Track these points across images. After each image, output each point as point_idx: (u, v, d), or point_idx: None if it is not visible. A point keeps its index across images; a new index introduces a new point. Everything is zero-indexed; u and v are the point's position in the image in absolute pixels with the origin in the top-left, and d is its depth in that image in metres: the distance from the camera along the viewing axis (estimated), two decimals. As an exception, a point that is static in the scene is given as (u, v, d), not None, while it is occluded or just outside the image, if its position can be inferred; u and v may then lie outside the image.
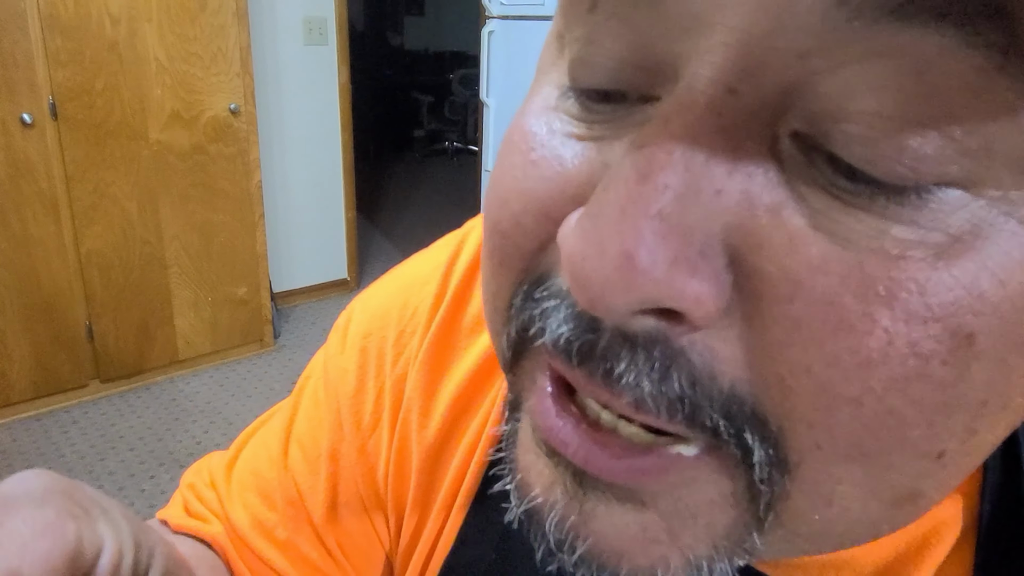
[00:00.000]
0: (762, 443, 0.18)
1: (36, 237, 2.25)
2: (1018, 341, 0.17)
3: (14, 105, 2.12)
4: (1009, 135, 0.15)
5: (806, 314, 0.17)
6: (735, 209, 0.17)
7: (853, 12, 0.15)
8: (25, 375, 2.33)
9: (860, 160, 0.16)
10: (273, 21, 2.94)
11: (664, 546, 0.20)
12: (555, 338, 0.19)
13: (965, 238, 0.16)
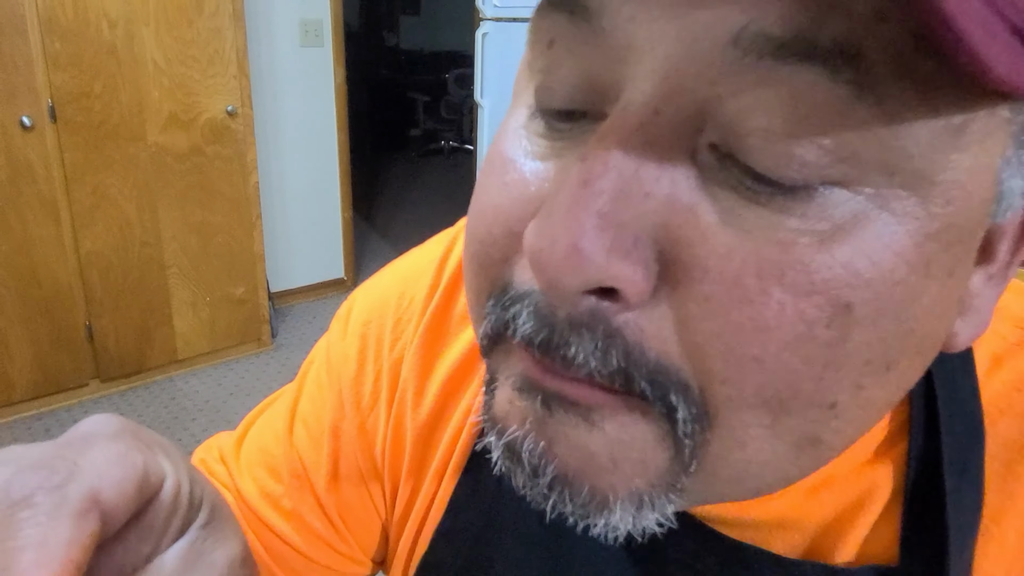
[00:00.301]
0: (685, 402, 0.22)
1: (36, 238, 2.28)
2: (891, 310, 0.21)
3: (14, 108, 2.15)
4: (872, 147, 0.20)
5: (715, 292, 0.21)
6: (660, 209, 0.21)
7: (744, 50, 0.19)
8: (26, 375, 2.35)
9: (761, 166, 0.20)
10: (269, 23, 2.97)
11: (611, 474, 0.23)
12: (522, 335, 0.23)
13: (845, 226, 0.20)
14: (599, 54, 0.22)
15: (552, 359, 0.23)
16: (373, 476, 0.43)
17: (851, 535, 0.31)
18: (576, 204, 0.21)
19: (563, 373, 0.23)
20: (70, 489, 0.20)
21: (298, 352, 2.94)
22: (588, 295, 0.22)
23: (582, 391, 0.23)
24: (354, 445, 0.43)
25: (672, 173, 0.21)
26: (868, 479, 0.31)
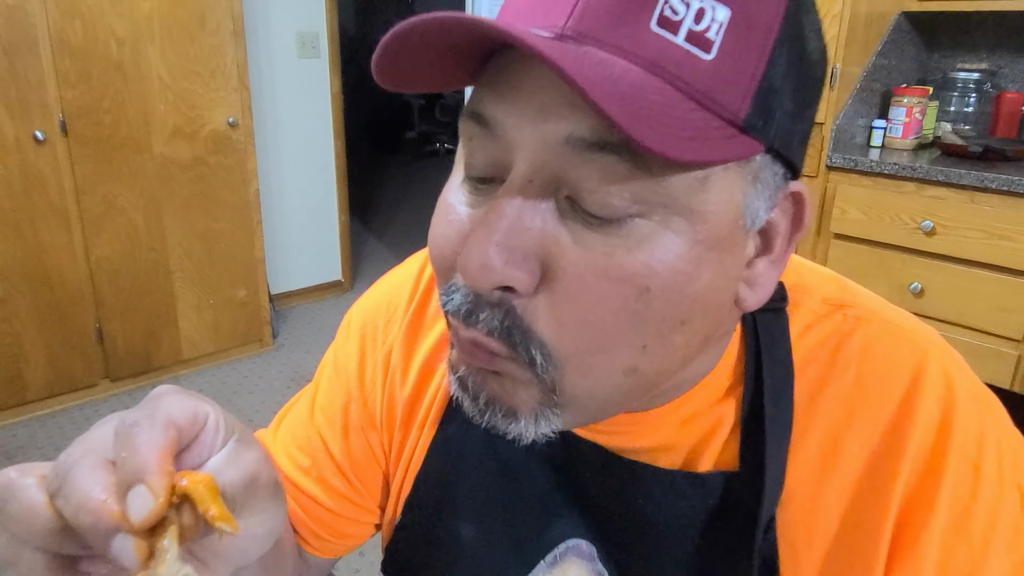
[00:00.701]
0: (541, 353, 0.36)
1: (49, 245, 2.40)
2: (677, 289, 0.35)
3: (27, 123, 2.27)
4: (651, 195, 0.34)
5: (570, 286, 0.35)
6: (537, 236, 0.35)
7: (572, 145, 0.33)
8: (40, 375, 2.48)
9: (592, 209, 0.34)
10: (268, 36, 3.09)
11: (512, 397, 0.38)
12: (455, 309, 0.37)
13: (643, 241, 0.34)
14: (497, 147, 0.36)
15: (470, 323, 0.37)
16: (376, 439, 0.58)
17: (708, 452, 0.45)
18: (484, 234, 0.34)
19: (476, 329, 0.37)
20: (157, 417, 0.33)
21: (298, 352, 3.06)
22: (496, 290, 0.35)
23: (485, 338, 0.36)
24: (360, 418, 0.57)
25: (543, 215, 0.35)
26: (718, 414, 0.46)
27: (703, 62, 0.33)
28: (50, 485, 0.32)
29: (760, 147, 0.35)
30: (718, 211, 0.35)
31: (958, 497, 0.41)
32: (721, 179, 0.35)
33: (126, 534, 0.31)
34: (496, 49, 0.36)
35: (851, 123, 2.19)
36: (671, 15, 0.33)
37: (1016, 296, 1.85)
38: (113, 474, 0.31)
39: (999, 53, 2.31)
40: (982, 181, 1.85)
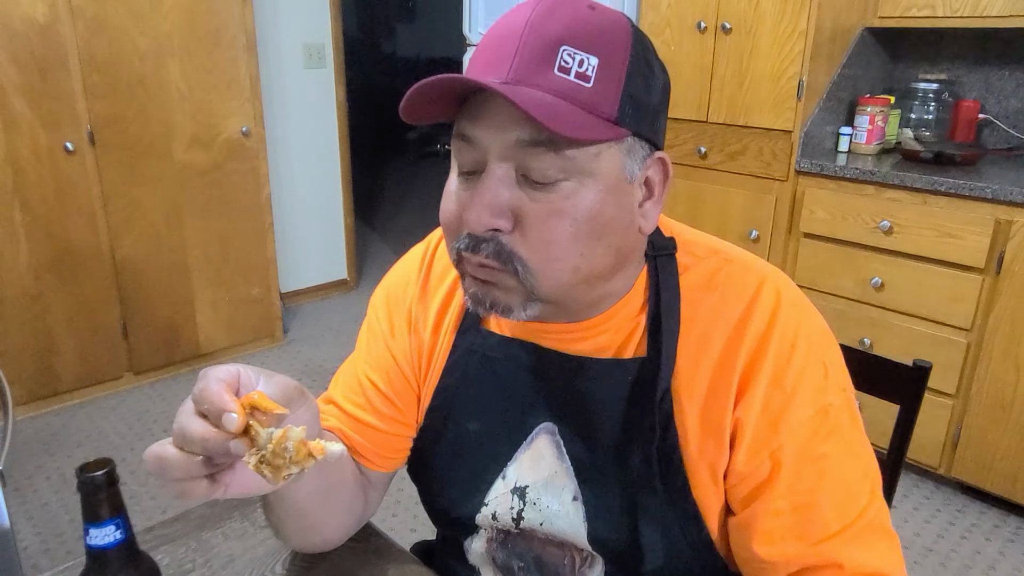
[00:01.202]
0: (521, 265, 0.59)
1: (78, 247, 2.59)
2: (595, 219, 0.60)
3: (59, 134, 2.46)
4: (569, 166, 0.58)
5: (531, 225, 0.59)
6: (508, 199, 0.59)
7: (520, 144, 0.58)
8: (70, 368, 2.67)
9: (538, 179, 0.59)
10: (278, 49, 3.27)
11: (506, 298, 0.61)
12: (465, 247, 0.60)
13: (571, 194, 0.59)
14: (476, 152, 0.59)
15: (475, 252, 0.59)
16: (408, 370, 0.79)
17: (629, 347, 0.68)
18: (478, 203, 0.58)
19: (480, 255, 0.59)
20: (209, 379, 0.52)
21: (307, 346, 3.25)
22: (489, 231, 0.58)
23: (487, 260, 0.59)
24: (395, 358, 0.78)
25: (509, 187, 0.59)
26: (634, 322, 0.69)
27: (586, 88, 0.57)
28: (177, 439, 0.52)
29: (627, 133, 0.60)
30: (609, 171, 0.60)
31: (778, 364, 0.64)
32: (607, 153, 0.60)
33: (233, 441, 0.50)
34: (468, 94, 0.59)
35: (820, 130, 2.36)
36: (565, 64, 0.57)
37: (965, 288, 2.03)
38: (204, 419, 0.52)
39: (958, 64, 2.49)
40: (933, 184, 2.03)
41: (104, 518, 0.54)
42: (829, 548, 0.62)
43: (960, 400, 2.11)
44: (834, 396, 0.65)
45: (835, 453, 0.64)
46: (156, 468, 0.52)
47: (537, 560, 0.76)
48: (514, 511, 0.73)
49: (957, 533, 2.06)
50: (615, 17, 0.60)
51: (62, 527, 2.06)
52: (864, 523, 0.63)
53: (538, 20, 0.58)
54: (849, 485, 0.64)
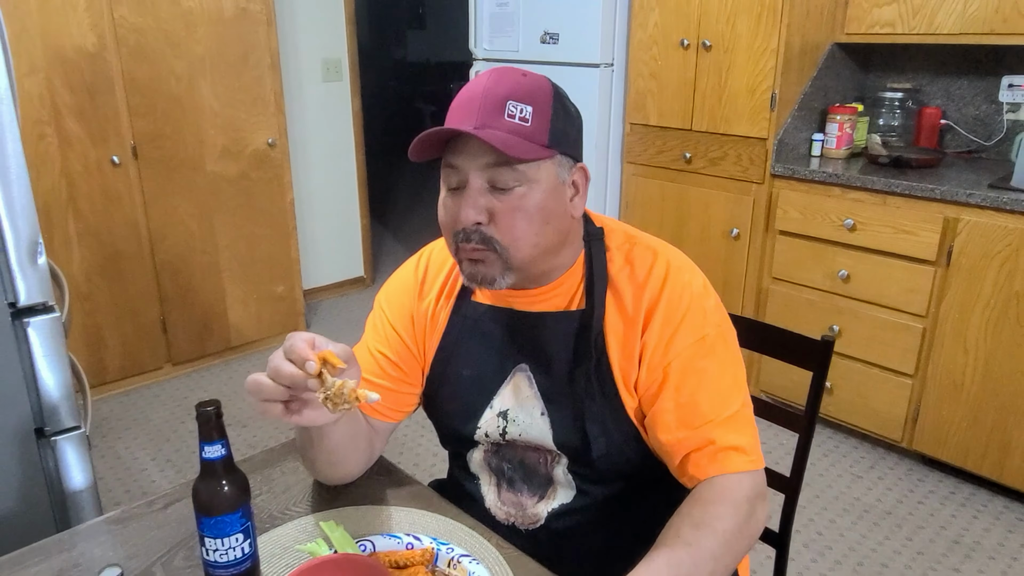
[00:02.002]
0: (497, 246, 0.89)
1: (123, 252, 2.87)
2: (543, 210, 0.89)
3: (107, 149, 2.74)
4: (521, 176, 0.88)
5: (501, 218, 0.88)
6: (484, 203, 0.88)
7: (488, 166, 0.87)
8: (116, 360, 2.95)
9: (501, 187, 0.88)
10: (298, 66, 3.54)
11: (490, 272, 0.90)
12: (463, 239, 0.89)
13: (525, 195, 0.88)
14: (459, 175, 0.89)
15: (468, 241, 0.89)
16: (411, 344, 1.05)
17: (574, 303, 0.97)
18: (464, 207, 0.87)
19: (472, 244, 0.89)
20: (296, 339, 0.77)
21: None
22: (473, 224, 0.88)
23: (476, 245, 0.89)
24: (401, 331, 1.04)
25: (484, 195, 0.88)
26: (576, 286, 0.98)
27: (526, 126, 0.86)
28: (271, 372, 0.77)
29: (556, 152, 0.89)
30: (548, 178, 0.89)
31: (669, 307, 0.92)
32: (545, 166, 0.88)
33: (309, 379, 0.75)
34: (450, 138, 0.88)
35: (794, 136, 2.59)
36: (511, 112, 0.85)
37: (919, 279, 2.26)
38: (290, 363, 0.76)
39: (922, 74, 2.71)
40: (890, 186, 2.26)
41: (214, 438, 0.79)
42: (705, 431, 0.89)
43: (918, 380, 2.34)
44: (711, 329, 0.92)
45: (710, 368, 0.91)
46: (253, 389, 0.77)
47: (520, 463, 1.02)
48: (500, 428, 1.00)
49: (915, 499, 2.30)
50: (540, 79, 0.91)
51: (117, 498, 2.33)
52: (732, 415, 0.90)
53: (491, 86, 0.87)
54: (721, 390, 0.91)
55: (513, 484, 1.04)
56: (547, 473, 1.01)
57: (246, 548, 0.82)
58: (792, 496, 1.22)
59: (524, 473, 1.03)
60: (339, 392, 0.75)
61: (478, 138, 0.83)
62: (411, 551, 0.88)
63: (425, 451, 2.59)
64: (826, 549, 2.08)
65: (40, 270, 1.35)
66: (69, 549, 0.92)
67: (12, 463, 1.39)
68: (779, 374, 2.67)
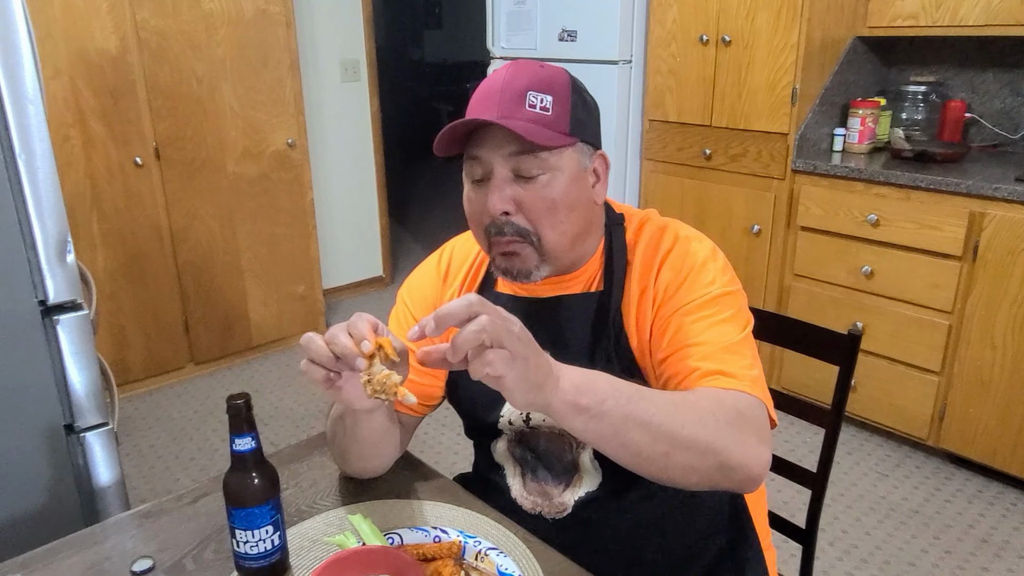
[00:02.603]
0: (533, 236, 0.91)
1: (146, 252, 2.90)
2: (568, 197, 0.91)
3: (129, 151, 2.77)
4: (546, 164, 0.90)
5: (529, 207, 0.91)
6: (510, 192, 0.90)
7: (512, 155, 0.89)
8: (139, 359, 2.98)
9: (526, 175, 0.90)
10: (317, 67, 3.56)
11: (525, 264, 0.92)
12: (495, 231, 0.92)
13: (550, 182, 0.90)
14: (483, 166, 0.91)
15: (501, 233, 0.91)
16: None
17: (593, 285, 0.99)
18: (492, 199, 0.89)
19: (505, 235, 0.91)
20: (363, 318, 0.78)
21: (348, 339, 3.53)
22: (502, 215, 0.90)
23: (511, 236, 0.91)
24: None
25: (510, 184, 0.90)
26: (597, 270, 0.99)
27: (547, 115, 0.88)
28: (327, 337, 0.77)
29: (577, 140, 0.91)
30: (570, 165, 0.91)
31: (675, 271, 0.93)
32: (567, 153, 0.90)
33: (360, 358, 0.75)
34: (472, 131, 0.89)
35: (816, 132, 2.57)
36: (532, 103, 0.87)
37: (945, 275, 2.23)
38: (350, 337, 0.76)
39: (946, 67, 2.67)
40: (914, 181, 2.23)
41: (244, 431, 0.80)
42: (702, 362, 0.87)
43: (944, 377, 2.31)
44: (718, 290, 0.92)
45: (718, 318, 0.90)
46: (305, 343, 0.77)
47: (545, 451, 1.02)
48: (523, 415, 1.00)
49: (942, 498, 2.26)
50: (558, 69, 0.93)
51: (142, 495, 2.36)
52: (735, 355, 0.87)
53: (510, 78, 0.89)
54: (730, 340, 0.88)
55: (537, 472, 1.04)
56: (573, 459, 1.01)
57: (276, 540, 0.83)
58: (819, 493, 1.21)
59: (548, 461, 1.03)
60: (382, 380, 0.75)
61: (501, 127, 0.84)
62: (439, 544, 0.88)
63: (446, 448, 2.59)
64: (851, 547, 2.06)
65: (69, 268, 1.36)
66: (101, 542, 0.93)
67: (42, 458, 1.41)
68: (802, 371, 2.64)
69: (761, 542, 1.11)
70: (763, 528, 1.13)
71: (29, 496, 1.40)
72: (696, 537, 1.04)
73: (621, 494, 1.00)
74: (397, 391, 0.75)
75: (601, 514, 1.01)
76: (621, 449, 0.75)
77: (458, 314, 0.67)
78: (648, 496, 1.01)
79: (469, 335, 0.66)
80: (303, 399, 2.97)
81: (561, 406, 0.72)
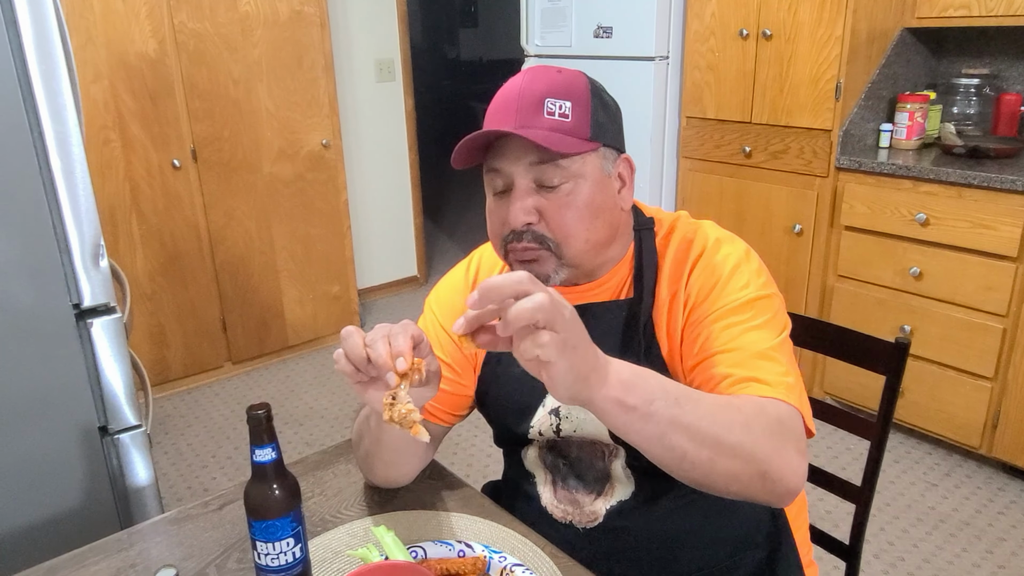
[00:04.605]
0: (552, 243, 0.88)
1: (184, 253, 2.94)
2: (593, 203, 0.89)
3: (168, 153, 2.81)
4: (567, 172, 0.87)
5: (551, 216, 0.88)
6: (532, 202, 0.88)
7: (532, 165, 0.87)
8: (179, 359, 3.02)
9: (548, 184, 0.87)
10: (351, 67, 3.57)
11: (544, 269, 0.89)
12: (514, 239, 0.89)
13: (572, 190, 0.88)
14: (503, 177, 0.88)
15: (519, 241, 0.88)
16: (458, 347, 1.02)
17: (623, 292, 0.96)
18: (514, 209, 0.87)
19: (524, 242, 0.88)
20: (408, 329, 0.76)
21: (382, 338, 3.54)
22: (524, 225, 0.87)
23: (529, 243, 0.88)
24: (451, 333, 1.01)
25: (531, 194, 0.87)
26: (626, 277, 0.96)
27: (567, 122, 0.85)
28: (368, 339, 0.75)
29: (599, 145, 0.88)
30: (593, 171, 0.88)
31: (708, 275, 0.90)
32: (589, 159, 0.88)
33: (392, 373, 0.73)
34: (491, 142, 0.87)
35: (861, 127, 2.48)
36: (551, 109, 0.85)
37: (999, 277, 2.13)
38: (389, 346, 0.74)
39: (1000, 59, 2.55)
40: (966, 178, 2.13)
41: (265, 442, 0.79)
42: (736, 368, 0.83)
43: (998, 383, 2.21)
44: (751, 290, 0.88)
45: (752, 324, 0.86)
46: (344, 336, 0.76)
47: (577, 459, 0.99)
48: (553, 425, 0.97)
49: (995, 509, 2.16)
50: (576, 74, 0.89)
51: (179, 494, 2.38)
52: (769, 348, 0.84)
53: (527, 85, 0.86)
54: (764, 346, 0.84)
55: (568, 481, 1.01)
56: (604, 468, 0.98)
57: (297, 553, 0.81)
58: (864, 507, 1.15)
59: (580, 469, 1.00)
60: (402, 412, 0.73)
61: (520, 137, 0.82)
62: (463, 559, 0.85)
63: (479, 451, 2.57)
64: (898, 560, 1.97)
65: (103, 272, 1.37)
66: (127, 548, 0.93)
67: (77, 460, 1.42)
68: (845, 376, 2.56)
69: (802, 559, 1.06)
70: (804, 543, 1.08)
71: (66, 497, 1.42)
72: (732, 550, 1.00)
73: (654, 503, 0.96)
74: (414, 427, 0.72)
75: (633, 524, 0.97)
76: (664, 452, 0.71)
77: (504, 289, 0.63)
78: (682, 506, 0.97)
79: (524, 311, 0.62)
80: (338, 399, 2.98)
81: (605, 403, 0.68)
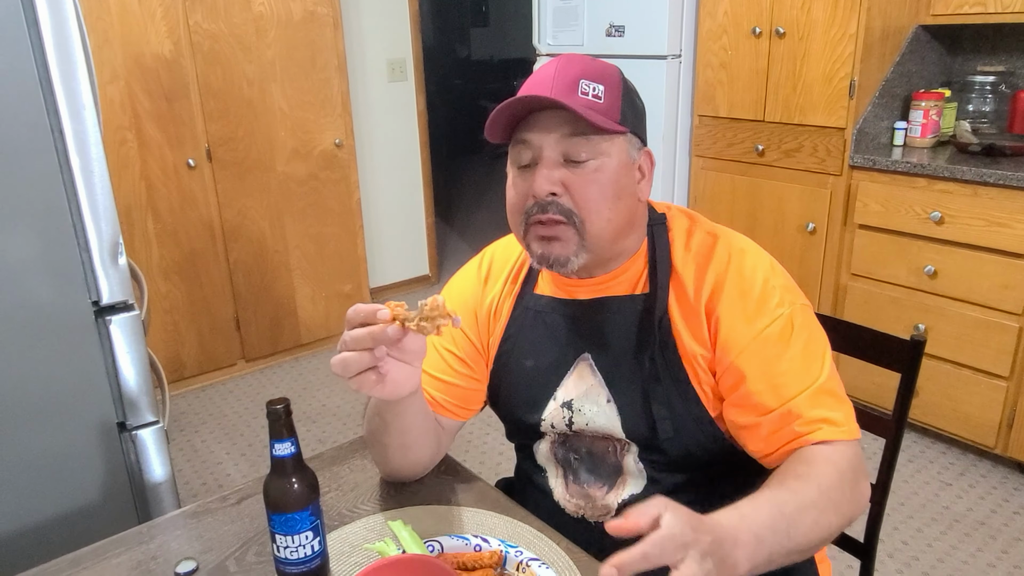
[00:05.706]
0: (578, 219, 0.89)
1: (199, 251, 2.96)
2: (615, 184, 0.90)
3: (183, 152, 2.83)
4: (596, 148, 0.89)
5: (576, 189, 0.89)
6: (558, 175, 0.89)
7: (563, 137, 0.89)
8: (193, 356, 3.05)
9: (575, 159, 0.89)
10: (363, 66, 3.59)
11: (563, 251, 0.90)
12: (537, 210, 0.90)
13: (599, 168, 0.89)
14: (531, 149, 0.90)
15: (544, 212, 0.89)
16: (475, 341, 1.05)
17: (638, 287, 0.97)
18: (539, 179, 0.88)
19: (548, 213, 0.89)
20: (354, 310, 0.77)
21: (394, 337, 3.55)
22: (549, 195, 0.88)
23: (553, 215, 0.89)
24: (466, 327, 1.03)
25: (558, 166, 0.89)
26: (641, 271, 0.97)
27: (600, 103, 0.87)
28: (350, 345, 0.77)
29: (627, 130, 0.90)
30: (619, 153, 0.90)
31: (740, 292, 0.91)
32: (617, 141, 0.90)
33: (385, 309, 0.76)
34: (522, 116, 0.89)
35: (874, 125, 2.47)
36: (584, 90, 0.87)
37: (1015, 275, 2.12)
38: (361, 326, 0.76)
39: (1016, 56, 2.53)
40: (982, 176, 2.12)
41: (284, 436, 0.80)
42: (791, 406, 0.86)
43: (1014, 382, 2.19)
44: (786, 308, 0.90)
45: (791, 347, 0.88)
46: (340, 368, 0.76)
47: (588, 453, 1.00)
48: (565, 419, 0.98)
49: (1010, 509, 2.15)
50: (610, 64, 0.93)
51: (194, 490, 2.41)
52: (818, 389, 0.87)
53: (562, 67, 0.89)
54: (805, 367, 0.88)
55: (580, 475, 1.01)
56: (616, 462, 0.99)
57: (315, 546, 0.82)
58: (878, 505, 1.15)
59: (592, 463, 1.00)
60: (433, 308, 0.75)
61: (560, 105, 0.84)
62: (479, 553, 0.86)
63: (491, 449, 2.58)
64: (912, 560, 1.97)
65: (121, 270, 1.39)
66: (147, 541, 0.94)
67: (96, 455, 1.44)
68: (859, 374, 2.54)
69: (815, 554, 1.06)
70: (818, 539, 1.09)
71: (85, 492, 1.44)
72: None
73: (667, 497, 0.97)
74: (447, 311, 0.76)
75: None
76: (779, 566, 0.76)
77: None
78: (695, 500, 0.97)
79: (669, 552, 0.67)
80: (351, 397, 3.00)
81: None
